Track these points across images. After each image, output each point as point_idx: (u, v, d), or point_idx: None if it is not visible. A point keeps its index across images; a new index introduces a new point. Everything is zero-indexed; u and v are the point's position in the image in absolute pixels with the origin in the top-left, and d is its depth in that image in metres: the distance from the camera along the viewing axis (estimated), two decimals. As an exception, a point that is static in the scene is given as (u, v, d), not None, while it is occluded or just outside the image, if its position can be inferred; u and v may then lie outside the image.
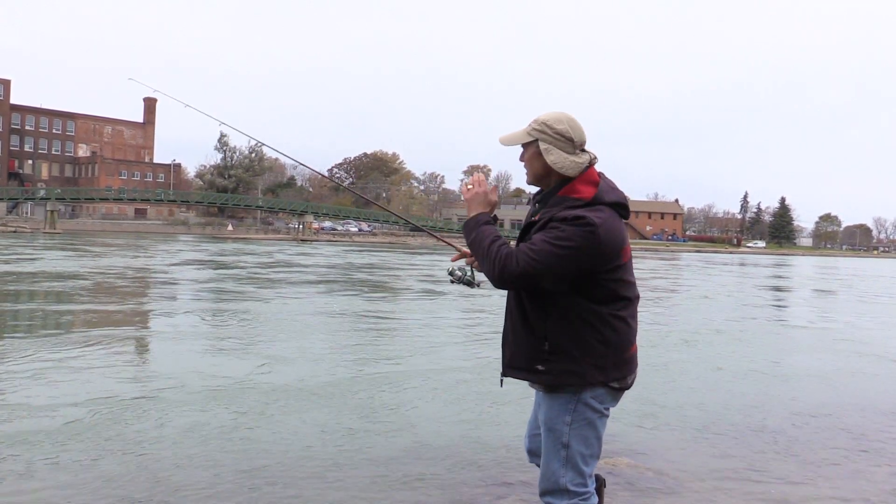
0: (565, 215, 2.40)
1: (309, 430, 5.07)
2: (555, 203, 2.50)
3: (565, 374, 2.48)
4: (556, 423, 2.53)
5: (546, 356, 2.49)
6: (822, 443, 5.21)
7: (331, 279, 21.62)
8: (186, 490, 3.85)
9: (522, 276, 2.36)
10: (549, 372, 2.50)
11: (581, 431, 2.52)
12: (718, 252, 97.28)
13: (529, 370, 2.54)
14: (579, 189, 2.48)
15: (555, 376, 2.49)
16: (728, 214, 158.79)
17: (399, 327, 11.13)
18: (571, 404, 2.51)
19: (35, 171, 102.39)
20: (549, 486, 2.56)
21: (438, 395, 6.32)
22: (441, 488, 4.00)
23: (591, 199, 2.45)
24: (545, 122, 2.53)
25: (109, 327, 9.88)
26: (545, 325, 2.48)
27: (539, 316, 2.50)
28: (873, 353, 9.97)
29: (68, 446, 4.50)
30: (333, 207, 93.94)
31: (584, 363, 2.47)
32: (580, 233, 2.35)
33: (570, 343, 2.47)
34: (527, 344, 2.53)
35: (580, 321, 2.46)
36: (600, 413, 2.54)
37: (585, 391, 2.49)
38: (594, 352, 2.47)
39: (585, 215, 2.38)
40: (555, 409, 2.53)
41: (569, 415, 2.51)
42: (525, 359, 2.55)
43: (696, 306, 16.48)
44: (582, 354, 2.47)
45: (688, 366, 8.23)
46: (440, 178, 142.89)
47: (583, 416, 2.51)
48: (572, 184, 2.50)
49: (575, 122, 2.54)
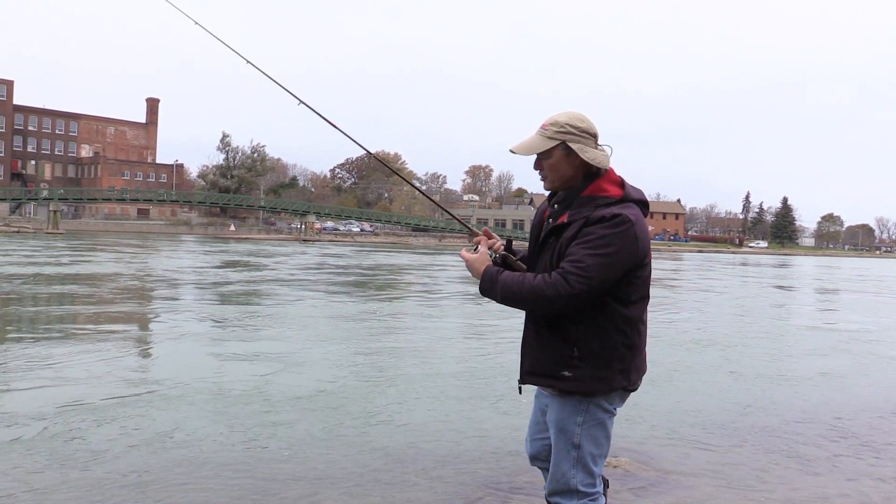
0: (603, 214, 2.37)
1: (310, 431, 5.12)
2: (582, 203, 2.46)
3: (594, 380, 2.45)
4: (567, 424, 2.52)
5: (575, 362, 2.44)
6: (825, 443, 5.23)
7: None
8: (188, 491, 3.91)
9: (578, 297, 2.31)
10: (577, 378, 2.45)
11: (592, 432, 2.52)
12: (720, 252, 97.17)
13: (555, 377, 2.49)
14: (606, 188, 2.46)
15: (582, 383, 2.45)
16: (730, 214, 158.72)
17: (402, 328, 11.17)
18: (584, 405, 2.50)
19: (38, 172, 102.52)
20: (558, 486, 2.55)
21: (439, 395, 6.36)
22: (446, 490, 4.03)
23: (621, 196, 2.45)
24: (567, 123, 2.49)
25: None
26: (576, 330, 2.43)
27: (570, 321, 2.43)
28: (886, 353, 9.99)
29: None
30: (336, 207, 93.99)
31: (612, 369, 2.46)
32: (619, 233, 2.33)
33: (601, 349, 2.43)
34: (553, 350, 2.48)
35: (612, 327, 2.43)
36: (610, 413, 2.55)
37: (599, 393, 2.49)
38: (621, 357, 2.46)
39: (622, 213, 2.37)
40: (566, 410, 2.52)
41: (580, 416, 2.50)
42: (550, 365, 2.50)
43: (702, 306, 16.48)
44: (611, 360, 2.45)
45: (689, 366, 8.25)
46: (442, 178, 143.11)
47: (594, 416, 2.51)
48: (598, 183, 2.48)
49: (588, 118, 2.56)
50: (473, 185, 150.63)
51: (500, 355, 8.48)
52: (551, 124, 2.52)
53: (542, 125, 2.56)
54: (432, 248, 64.14)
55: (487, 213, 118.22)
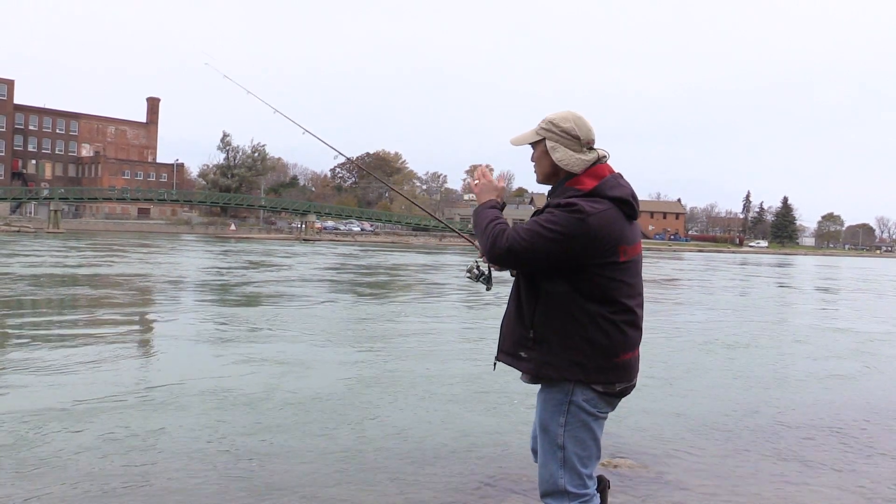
0: (559, 201, 2.49)
1: (310, 432, 5.12)
2: (558, 194, 2.57)
3: (544, 365, 2.53)
4: (550, 424, 2.56)
5: (531, 344, 2.55)
6: (826, 444, 5.23)
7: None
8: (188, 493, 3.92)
9: (509, 252, 2.44)
10: (530, 360, 2.55)
11: (575, 433, 2.53)
12: (721, 252, 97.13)
13: (515, 356, 2.61)
14: (583, 181, 2.54)
15: (535, 365, 2.54)
16: (730, 214, 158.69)
17: (402, 328, 11.17)
18: (564, 406, 2.52)
19: (38, 171, 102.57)
20: (548, 487, 2.57)
21: (440, 396, 6.36)
22: (445, 489, 4.03)
23: (590, 190, 2.50)
24: (552, 120, 2.60)
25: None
26: (533, 313, 2.54)
27: (529, 304, 2.55)
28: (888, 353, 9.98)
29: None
30: (336, 207, 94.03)
31: (563, 357, 2.49)
32: (569, 219, 2.40)
33: (552, 335, 2.51)
34: (516, 331, 2.60)
35: (566, 315, 2.49)
36: (594, 416, 2.55)
37: (576, 393, 2.50)
38: (575, 348, 2.49)
39: (577, 202, 2.44)
40: (548, 410, 2.56)
41: (562, 416, 2.53)
42: (512, 344, 2.62)
43: (708, 306, 16.47)
44: (562, 348, 2.50)
45: (690, 366, 8.25)
46: (442, 177, 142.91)
47: (576, 417, 2.52)
48: (578, 177, 2.56)
49: (582, 120, 2.59)
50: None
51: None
52: (543, 120, 2.65)
53: (542, 121, 2.67)
54: (433, 248, 64.17)
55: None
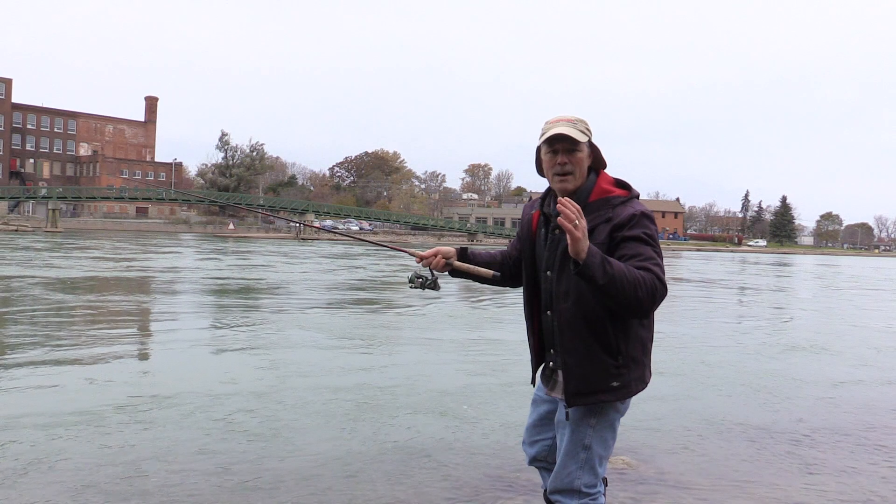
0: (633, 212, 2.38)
1: (310, 433, 5.11)
2: (598, 206, 2.43)
3: (636, 381, 2.49)
4: (580, 425, 2.52)
5: (620, 370, 2.44)
6: (827, 444, 5.21)
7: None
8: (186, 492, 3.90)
9: (664, 287, 2.28)
10: (624, 385, 2.45)
11: (602, 433, 2.53)
12: (719, 251, 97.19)
13: (605, 390, 2.44)
14: (611, 189, 2.49)
15: (628, 389, 2.46)
16: (729, 213, 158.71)
17: (401, 328, 11.16)
18: (598, 407, 2.50)
19: (36, 170, 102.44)
20: (562, 485, 2.55)
21: (441, 396, 6.35)
22: (446, 490, 4.02)
23: (631, 194, 2.50)
24: (582, 120, 2.52)
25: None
26: (618, 340, 2.41)
27: (616, 333, 2.41)
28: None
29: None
30: (334, 206, 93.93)
31: (645, 366, 2.52)
32: (656, 229, 2.42)
33: (637, 350, 2.48)
34: (598, 367, 2.43)
35: (637, 332, 2.47)
36: (621, 414, 2.57)
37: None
38: (649, 352, 2.55)
39: (648, 211, 2.42)
40: (580, 411, 2.51)
41: (594, 417, 2.51)
42: (595, 381, 2.44)
43: (710, 306, 16.47)
44: (645, 357, 2.52)
45: (690, 366, 8.24)
46: (441, 176, 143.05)
47: (607, 418, 2.52)
48: (599, 185, 2.49)
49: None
50: (472, 183, 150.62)
51: (497, 354, 8.48)
52: (578, 120, 2.50)
53: (565, 120, 2.49)
54: (431, 247, 64.02)
55: (486, 211, 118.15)
